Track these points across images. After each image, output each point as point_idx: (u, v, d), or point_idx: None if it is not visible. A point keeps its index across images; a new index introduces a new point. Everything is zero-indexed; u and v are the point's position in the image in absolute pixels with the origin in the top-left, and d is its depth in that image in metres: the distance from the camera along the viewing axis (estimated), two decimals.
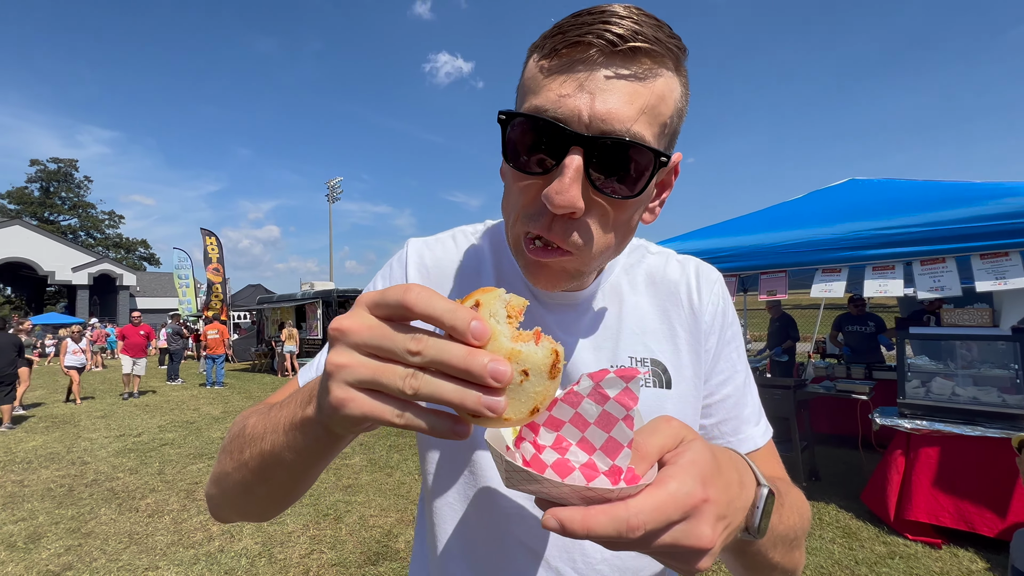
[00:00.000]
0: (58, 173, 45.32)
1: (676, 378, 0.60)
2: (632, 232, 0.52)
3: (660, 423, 0.35)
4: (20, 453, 5.84)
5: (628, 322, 0.61)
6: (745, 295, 7.95)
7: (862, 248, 3.67)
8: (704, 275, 0.65)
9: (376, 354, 0.31)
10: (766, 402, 3.14)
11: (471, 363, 0.29)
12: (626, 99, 0.42)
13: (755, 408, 0.63)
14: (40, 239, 28.10)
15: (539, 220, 0.45)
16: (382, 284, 0.66)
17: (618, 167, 0.43)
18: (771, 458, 0.62)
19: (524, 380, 0.31)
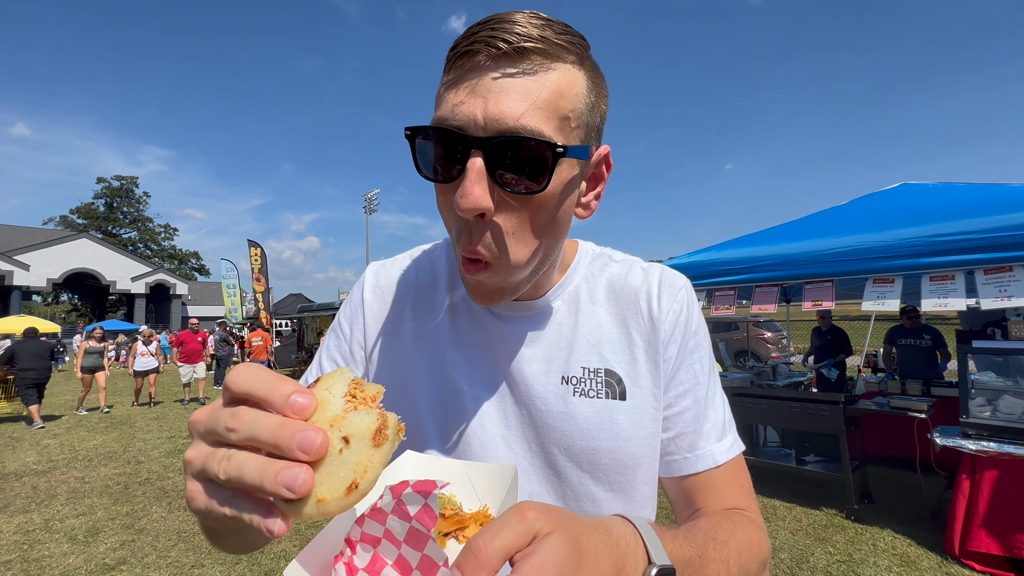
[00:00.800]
0: (120, 190, 48.71)
1: (631, 389, 0.58)
2: (561, 229, 0.51)
3: (510, 518, 0.30)
4: (82, 451, 6.23)
5: (584, 331, 0.60)
6: (788, 305, 7.64)
7: (917, 256, 3.46)
8: (667, 282, 0.62)
9: (207, 439, 0.30)
10: (812, 418, 2.99)
11: (279, 434, 0.27)
12: (517, 97, 0.43)
13: (718, 423, 0.60)
14: (104, 251, 30.23)
15: (462, 235, 0.47)
16: (346, 309, 0.67)
17: (518, 163, 0.43)
18: (732, 480, 0.58)
19: (344, 448, 0.28)
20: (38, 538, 3.69)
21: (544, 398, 0.57)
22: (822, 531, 3.61)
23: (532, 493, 0.56)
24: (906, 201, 4.15)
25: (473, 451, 0.57)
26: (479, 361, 0.60)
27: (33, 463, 5.71)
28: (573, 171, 0.48)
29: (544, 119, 0.43)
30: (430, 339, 0.62)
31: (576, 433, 0.56)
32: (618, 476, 0.56)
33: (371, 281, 0.66)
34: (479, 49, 0.43)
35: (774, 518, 3.85)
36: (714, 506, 0.56)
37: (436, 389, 0.60)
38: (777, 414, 4.34)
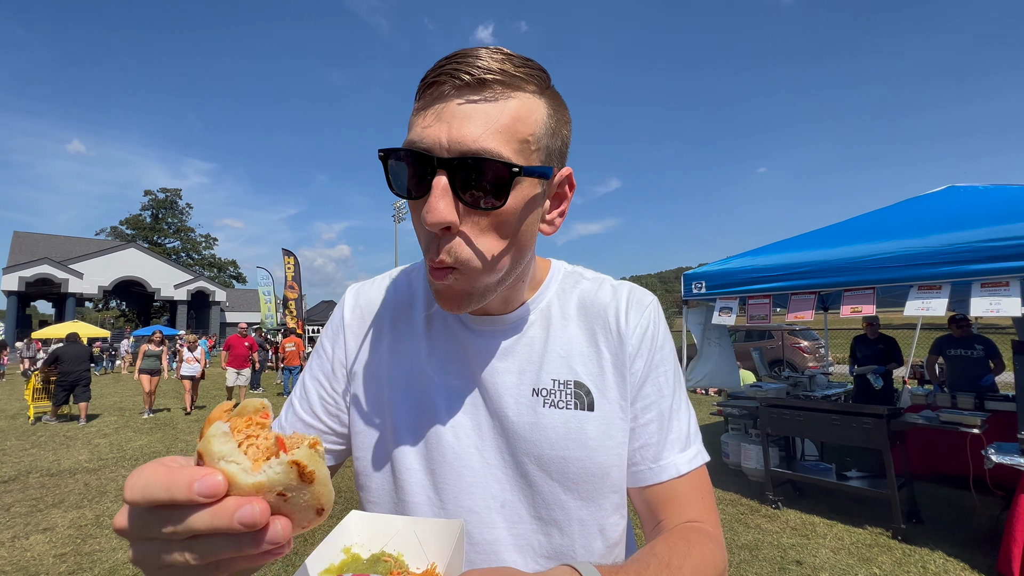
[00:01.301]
0: (165, 201, 51.29)
1: (599, 400, 0.60)
2: (524, 243, 0.54)
3: None
4: (129, 451, 6.55)
5: (554, 345, 0.62)
6: (826, 314, 7.36)
7: (967, 262, 3.29)
8: (635, 299, 0.65)
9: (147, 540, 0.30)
10: (854, 431, 2.88)
11: (217, 522, 0.28)
12: (478, 122, 0.47)
13: (683, 434, 0.62)
14: (150, 260, 31.82)
15: (431, 249, 0.50)
16: (328, 330, 0.70)
17: (479, 181, 0.47)
18: (693, 490, 0.60)
19: (288, 498, 0.30)
20: (90, 533, 3.89)
21: (516, 409, 0.59)
22: (866, 551, 3.44)
23: (505, 502, 0.59)
24: (954, 204, 3.96)
25: (448, 461, 0.59)
26: (453, 374, 0.62)
27: (85, 461, 6.03)
28: (534, 190, 0.52)
29: (503, 142, 0.47)
30: (407, 355, 0.64)
31: (546, 443, 0.58)
32: (586, 485, 0.58)
33: (351, 302, 0.70)
34: (444, 80, 0.48)
35: (813, 535, 3.69)
36: (675, 519, 0.58)
37: (412, 403, 0.62)
38: (816, 426, 4.17)
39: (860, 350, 6.08)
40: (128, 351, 21.97)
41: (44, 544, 3.69)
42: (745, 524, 3.91)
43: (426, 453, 0.60)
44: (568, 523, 0.58)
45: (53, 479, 5.31)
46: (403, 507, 0.61)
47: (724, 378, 5.65)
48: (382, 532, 0.45)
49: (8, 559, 3.45)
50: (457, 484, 0.58)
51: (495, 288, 0.55)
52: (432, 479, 0.59)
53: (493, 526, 0.58)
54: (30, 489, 4.96)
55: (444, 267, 0.50)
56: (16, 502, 4.58)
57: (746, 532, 3.77)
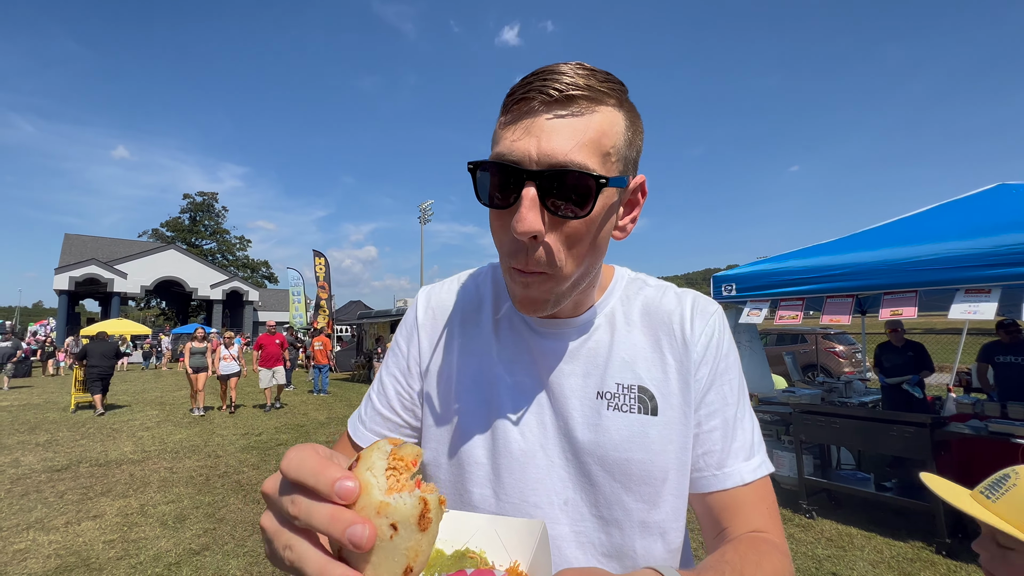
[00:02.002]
0: (202, 204, 53.31)
1: (663, 406, 0.61)
2: (600, 249, 0.57)
3: None
4: (170, 444, 6.84)
5: (619, 350, 0.64)
6: (863, 317, 7.10)
7: (1018, 265, 3.12)
8: (700, 307, 0.66)
9: (276, 514, 0.32)
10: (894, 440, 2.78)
11: (331, 527, 0.29)
12: (566, 136, 0.49)
13: (748, 443, 0.62)
14: (188, 261, 33.15)
15: (516, 255, 0.53)
16: (403, 329, 0.74)
17: (566, 192, 0.49)
18: (757, 500, 0.60)
19: (394, 535, 0.30)
20: (135, 521, 4.09)
21: (580, 411, 0.61)
22: (908, 565, 3.30)
23: (568, 500, 0.60)
24: (1004, 203, 3.76)
25: (514, 457, 0.61)
26: (520, 375, 0.65)
27: (130, 453, 6.34)
28: (612, 198, 0.54)
29: (589, 154, 0.50)
30: (476, 354, 0.67)
31: (609, 445, 0.59)
32: (647, 487, 0.59)
33: (423, 303, 0.74)
34: (533, 96, 0.50)
35: (850, 547, 3.57)
36: (740, 527, 0.58)
37: (481, 400, 0.65)
38: (853, 434, 4.02)
39: (887, 359, 5.63)
40: (168, 348, 22.93)
41: (94, 530, 3.90)
42: None
43: (493, 448, 0.62)
44: (629, 524, 0.59)
45: (101, 469, 5.60)
46: (468, 498, 0.63)
47: (756, 382, 5.50)
48: (463, 529, 0.46)
49: (62, 543, 3.67)
50: (522, 480, 0.61)
51: (571, 292, 0.57)
52: (497, 473, 0.62)
53: (556, 522, 0.59)
54: (81, 478, 5.25)
55: (529, 272, 0.53)
56: (68, 490, 4.85)
57: None
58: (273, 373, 9.64)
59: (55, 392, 12.70)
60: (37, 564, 3.34)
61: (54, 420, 8.64)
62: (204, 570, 3.28)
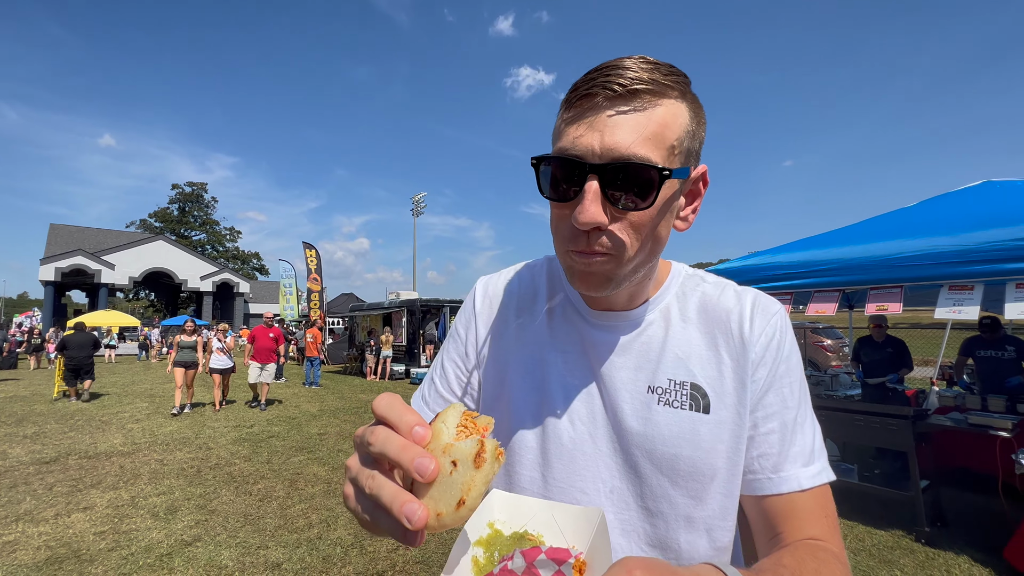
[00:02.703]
0: (192, 195, 52.60)
1: (716, 404, 0.60)
2: (661, 239, 0.57)
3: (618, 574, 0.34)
4: (160, 436, 6.81)
5: (673, 345, 0.63)
6: (851, 312, 7.20)
7: (1001, 261, 3.19)
8: (761, 306, 0.64)
9: (360, 451, 0.39)
10: (877, 432, 2.84)
11: (402, 456, 0.35)
12: (628, 130, 0.50)
13: (807, 449, 0.60)
14: (177, 252, 32.75)
15: (577, 240, 0.54)
16: (462, 317, 0.77)
17: (628, 185, 0.50)
18: (816, 507, 0.58)
19: (453, 471, 0.35)
20: (126, 513, 4.08)
21: (630, 404, 0.62)
22: (888, 553, 3.39)
23: (614, 489, 0.61)
24: (989, 200, 3.83)
25: (563, 444, 0.63)
26: (573, 364, 0.66)
27: (120, 445, 6.30)
28: (674, 188, 0.55)
29: (652, 148, 0.50)
30: (530, 342, 0.69)
31: (658, 439, 0.59)
32: (694, 483, 0.59)
33: (481, 291, 0.76)
34: (597, 92, 0.51)
35: None
36: (795, 534, 0.56)
37: (533, 387, 0.66)
38: (837, 426, 4.11)
39: (866, 354, 5.58)
40: (158, 340, 22.70)
41: (85, 522, 3.89)
42: None
43: (543, 434, 0.64)
44: (675, 517, 0.59)
45: (90, 461, 5.57)
46: (517, 480, 0.65)
47: None
48: (522, 512, 0.47)
49: (52, 535, 3.66)
50: (570, 466, 0.62)
51: (631, 276, 0.57)
52: (546, 458, 0.63)
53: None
54: (70, 470, 5.22)
55: (591, 252, 0.53)
56: (57, 482, 4.83)
57: None
58: (262, 369, 8.87)
59: (42, 384, 12.55)
60: (27, 555, 3.33)
61: (41, 412, 8.55)
62: (196, 561, 3.29)
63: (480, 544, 0.43)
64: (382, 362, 13.39)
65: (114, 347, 20.60)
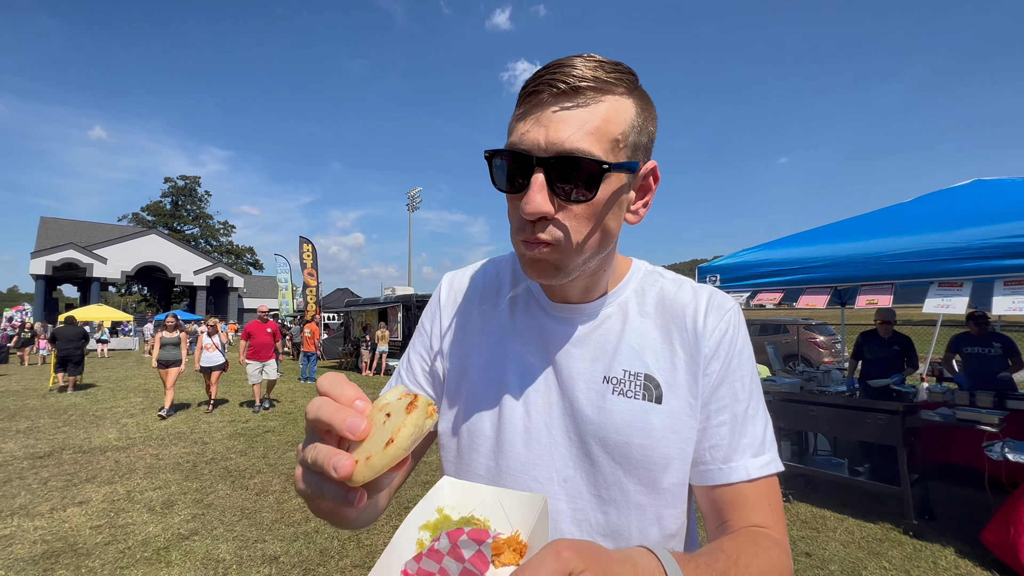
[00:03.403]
0: (185, 188, 52.08)
1: (668, 395, 0.62)
2: (610, 232, 0.59)
3: (548, 556, 0.34)
4: (155, 431, 6.79)
5: (629, 338, 0.66)
6: (842, 308, 7.28)
7: (990, 258, 3.24)
8: (716, 303, 0.67)
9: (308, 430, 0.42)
10: (867, 427, 2.90)
11: (335, 416, 0.38)
12: (572, 125, 0.52)
13: (757, 441, 0.62)
14: (170, 246, 32.47)
15: (524, 229, 0.56)
16: (427, 312, 0.79)
17: (572, 177, 0.53)
18: (762, 496, 0.60)
19: (386, 420, 0.38)
20: (122, 507, 4.09)
21: (586, 393, 0.64)
22: (876, 545, 3.46)
23: (567, 478, 0.63)
24: (979, 198, 3.88)
25: (518, 433, 0.65)
26: (532, 355, 0.68)
27: (114, 439, 6.29)
28: (621, 182, 0.57)
29: (594, 142, 0.53)
30: (491, 333, 0.71)
31: (611, 427, 0.61)
32: (646, 471, 0.61)
33: (446, 286, 0.79)
34: (543, 89, 0.54)
35: (824, 529, 3.72)
36: (741, 521, 0.59)
37: (492, 377, 0.68)
38: (829, 421, 4.17)
39: (869, 350, 5.30)
40: (151, 335, 22.54)
41: (80, 516, 3.89)
42: None
43: (498, 423, 0.66)
44: (626, 505, 0.61)
45: (85, 456, 5.55)
46: (473, 467, 0.67)
47: None
48: (471, 498, 0.49)
49: (48, 529, 3.66)
50: (525, 455, 0.64)
51: (580, 267, 0.59)
52: (501, 447, 0.65)
53: (554, 498, 0.62)
54: (64, 465, 5.21)
55: (536, 241, 0.56)
56: (52, 476, 4.82)
57: None
58: (263, 367, 8.23)
59: (34, 379, 12.46)
60: (23, 549, 3.33)
61: (34, 407, 8.50)
62: (193, 554, 3.31)
63: (427, 528, 0.46)
64: (377, 357, 13.39)
65: (106, 342, 20.45)
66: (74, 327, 10.50)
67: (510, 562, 0.41)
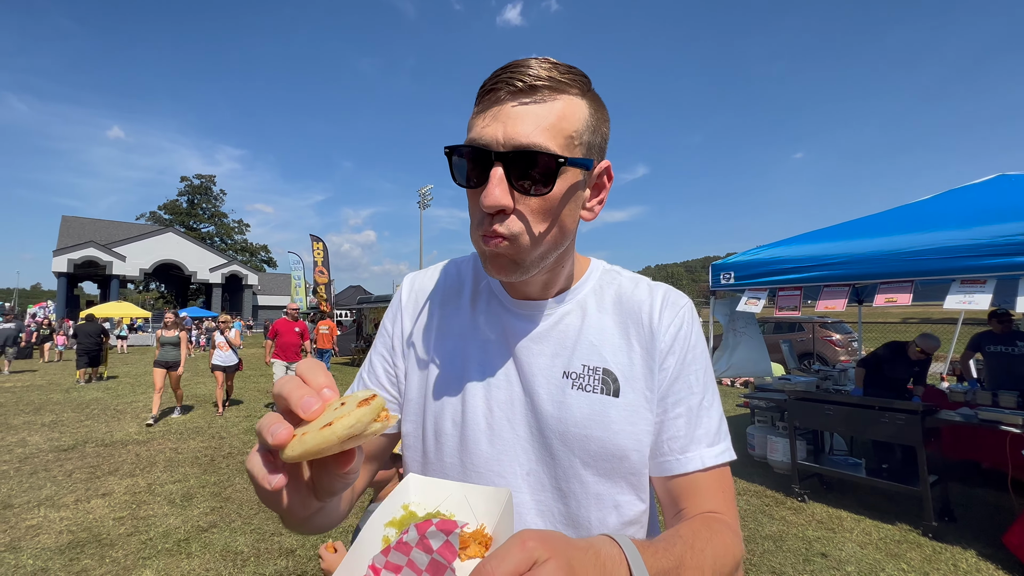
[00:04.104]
0: (200, 187, 52.91)
1: (625, 389, 0.64)
2: (566, 227, 0.61)
3: (513, 546, 0.35)
4: (174, 425, 6.94)
5: (588, 334, 0.67)
6: (860, 306, 7.16)
7: (1015, 255, 3.16)
8: (671, 300, 0.69)
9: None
10: (885, 427, 2.85)
11: (293, 392, 0.38)
12: (528, 121, 0.54)
13: (711, 431, 0.64)
14: (186, 244, 33.04)
15: (483, 224, 0.57)
16: (389, 312, 0.79)
17: (529, 171, 0.55)
18: (715, 484, 0.63)
19: (339, 407, 0.38)
20: (144, 499, 4.19)
21: (546, 388, 0.65)
22: (895, 547, 3.41)
23: (530, 471, 0.64)
24: (1003, 194, 3.79)
25: (482, 430, 0.66)
26: (493, 352, 0.69)
27: (135, 433, 6.43)
28: (576, 178, 0.59)
29: (550, 137, 0.55)
30: (453, 333, 0.72)
31: (571, 421, 0.63)
32: (604, 463, 0.62)
33: (407, 287, 0.80)
34: (501, 87, 0.56)
35: (840, 529, 3.68)
36: (697, 508, 0.61)
37: (455, 375, 0.69)
38: (846, 421, 4.12)
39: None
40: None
41: (104, 508, 4.00)
42: (770, 516, 3.92)
43: (462, 421, 0.67)
44: (585, 496, 0.62)
45: (107, 449, 5.69)
46: (439, 466, 0.68)
47: (754, 366, 5.56)
48: (436, 494, 0.50)
49: (73, 520, 3.76)
50: (489, 451, 0.65)
51: (539, 263, 0.61)
52: (465, 444, 0.66)
53: (519, 491, 0.64)
54: (88, 457, 5.34)
55: (495, 236, 0.57)
56: (76, 469, 4.95)
57: (770, 523, 3.78)
58: (289, 368, 7.53)
59: (56, 374, 12.79)
60: (50, 539, 3.43)
61: (58, 401, 8.73)
62: (212, 546, 3.38)
63: (393, 524, 0.46)
64: None
65: (125, 338, 20.92)
66: (93, 324, 11.19)
67: (476, 555, 0.41)
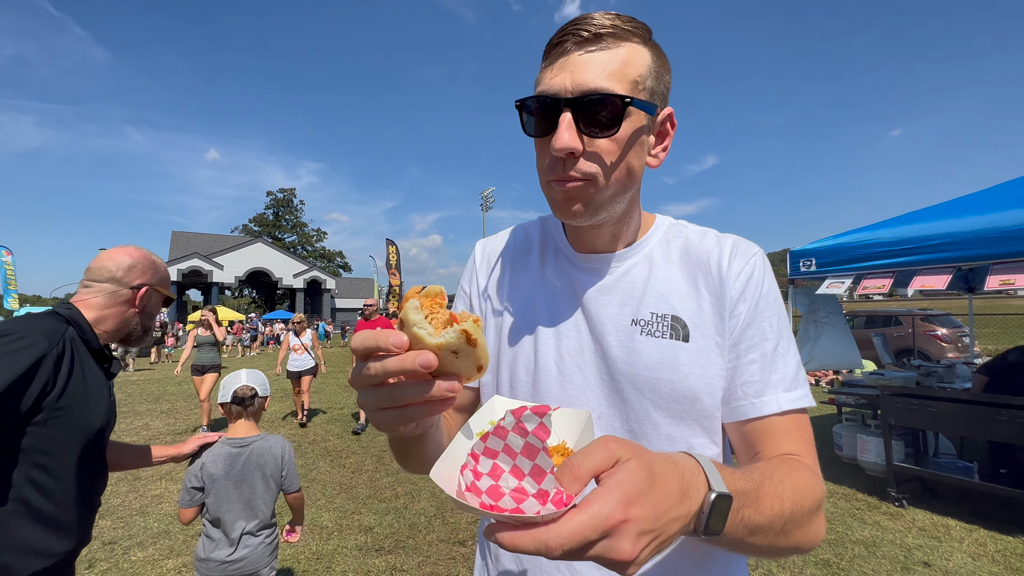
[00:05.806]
0: (283, 200, 57.56)
1: (695, 334, 0.65)
2: (634, 171, 0.63)
3: (596, 446, 0.37)
4: (266, 414, 7.62)
5: (655, 284, 0.68)
6: (970, 296, 6.36)
7: None
8: (740, 248, 0.69)
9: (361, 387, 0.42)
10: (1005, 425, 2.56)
11: (404, 366, 0.38)
12: (594, 67, 0.57)
13: (788, 376, 0.63)
14: (273, 253, 36.11)
15: (555, 168, 0.60)
16: (464, 276, 0.84)
17: (597, 113, 0.57)
18: (793, 427, 0.61)
19: (459, 355, 0.40)
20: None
21: (615, 335, 0.67)
22: (1015, 560, 3.00)
23: (601, 415, 0.66)
24: None
25: (553, 376, 0.69)
26: (562, 304, 0.72)
27: None
28: (641, 122, 0.61)
29: (615, 81, 0.57)
30: (524, 287, 0.76)
31: (641, 365, 0.64)
32: (676, 405, 0.63)
33: (480, 250, 0.85)
34: (567, 39, 0.59)
35: (947, 538, 3.30)
36: (774, 451, 0.60)
37: (527, 326, 0.73)
38: (954, 420, 3.68)
39: None
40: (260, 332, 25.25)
41: None
42: (861, 520, 3.60)
43: (535, 368, 0.71)
44: (657, 437, 0.64)
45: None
46: None
47: (840, 358, 5.11)
48: None
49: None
50: (560, 396, 0.68)
51: (609, 204, 0.63)
52: (538, 391, 0.70)
53: None
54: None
55: (567, 179, 0.60)
56: None
57: (862, 528, 3.47)
58: None
59: (170, 370, 14.53)
60: (170, 507, 3.92)
61: (172, 393, 9.92)
62: None
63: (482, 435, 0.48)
64: None
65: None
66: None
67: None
